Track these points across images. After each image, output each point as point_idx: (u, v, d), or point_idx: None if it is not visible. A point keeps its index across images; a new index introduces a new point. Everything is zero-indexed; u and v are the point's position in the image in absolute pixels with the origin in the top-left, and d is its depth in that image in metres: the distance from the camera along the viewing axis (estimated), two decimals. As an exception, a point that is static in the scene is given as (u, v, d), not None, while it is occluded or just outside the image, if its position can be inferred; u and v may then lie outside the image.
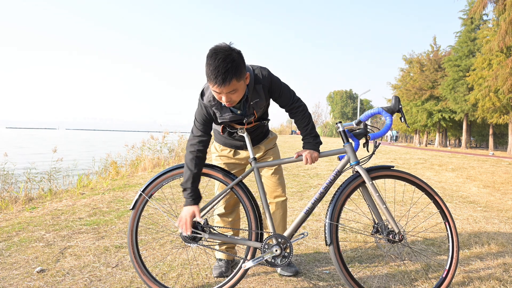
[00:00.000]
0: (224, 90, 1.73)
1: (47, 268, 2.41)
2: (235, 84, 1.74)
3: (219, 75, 1.68)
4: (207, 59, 1.72)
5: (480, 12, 15.33)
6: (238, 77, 1.73)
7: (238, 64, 1.72)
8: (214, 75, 1.69)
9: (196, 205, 1.95)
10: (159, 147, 10.58)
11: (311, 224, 3.51)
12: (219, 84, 1.70)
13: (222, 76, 1.68)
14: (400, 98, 1.92)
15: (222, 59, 1.68)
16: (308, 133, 2.08)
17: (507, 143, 30.95)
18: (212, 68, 1.68)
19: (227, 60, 1.68)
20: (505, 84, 16.55)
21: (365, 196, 1.99)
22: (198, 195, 1.97)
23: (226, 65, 1.67)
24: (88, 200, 4.54)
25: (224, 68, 1.67)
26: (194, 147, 1.97)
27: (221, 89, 1.73)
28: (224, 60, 1.68)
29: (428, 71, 31.28)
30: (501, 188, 6.04)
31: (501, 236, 3.23)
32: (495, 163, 10.41)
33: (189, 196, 1.94)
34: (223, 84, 1.70)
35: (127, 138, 24.92)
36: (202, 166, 2.00)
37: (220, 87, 1.71)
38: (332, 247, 1.90)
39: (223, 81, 1.69)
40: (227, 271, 2.32)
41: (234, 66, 1.70)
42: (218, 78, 1.68)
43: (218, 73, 1.68)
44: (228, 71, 1.68)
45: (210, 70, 1.70)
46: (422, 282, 2.25)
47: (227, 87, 1.72)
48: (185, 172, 1.97)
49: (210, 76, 1.71)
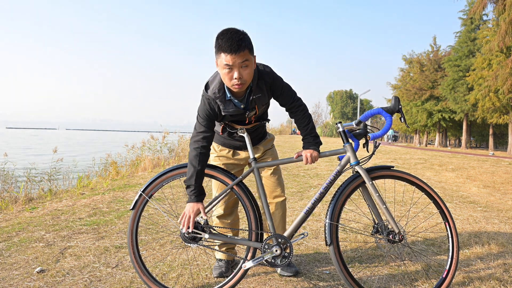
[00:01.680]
0: (238, 59, 1.77)
1: (47, 268, 2.41)
2: (248, 55, 1.80)
3: (233, 43, 1.74)
4: (219, 35, 1.79)
5: (480, 12, 15.33)
6: (250, 49, 1.81)
7: (249, 39, 1.83)
8: (229, 43, 1.74)
9: (200, 202, 1.95)
10: (159, 147, 10.58)
11: (311, 224, 3.51)
12: (234, 51, 1.75)
13: (237, 43, 1.74)
14: (400, 98, 1.92)
15: (235, 31, 1.78)
16: (308, 133, 2.09)
17: (507, 143, 30.93)
18: (226, 38, 1.76)
19: (239, 32, 1.79)
20: (505, 84, 16.56)
21: (365, 196, 1.99)
22: (202, 192, 1.97)
23: (239, 35, 1.77)
24: (88, 200, 4.54)
25: (237, 37, 1.76)
26: (197, 143, 1.96)
27: (234, 58, 1.76)
28: (237, 32, 1.78)
29: (428, 71, 31.27)
30: (501, 188, 6.04)
31: (501, 236, 3.23)
32: (495, 163, 10.42)
33: (192, 193, 1.94)
34: (237, 51, 1.75)
35: (127, 138, 24.94)
36: (206, 163, 2.00)
37: (234, 54, 1.75)
38: (332, 247, 1.90)
39: (238, 48, 1.74)
40: (227, 271, 2.32)
41: (247, 38, 1.80)
42: (233, 45, 1.74)
43: (232, 41, 1.74)
44: (242, 40, 1.76)
45: (223, 41, 1.76)
46: (422, 282, 2.25)
47: (240, 55, 1.76)
48: (189, 169, 1.96)
49: (224, 46, 1.76)
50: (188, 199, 1.96)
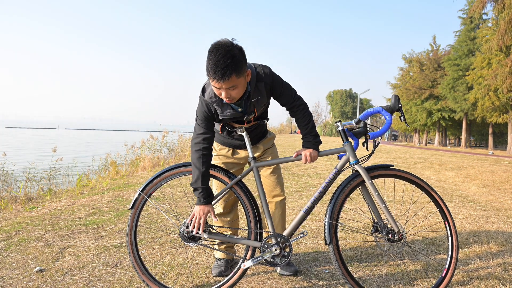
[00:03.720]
0: (224, 85, 1.73)
1: (46, 267, 2.40)
2: (235, 80, 1.74)
3: (218, 70, 1.68)
4: (208, 54, 1.72)
5: (480, 11, 15.34)
6: (237, 73, 1.73)
7: (239, 60, 1.72)
8: (214, 70, 1.69)
9: (209, 204, 1.95)
10: (158, 146, 10.58)
11: (311, 224, 3.51)
12: (218, 79, 1.71)
13: (222, 71, 1.68)
14: (399, 97, 1.92)
15: (223, 54, 1.68)
16: (308, 132, 2.08)
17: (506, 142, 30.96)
18: (212, 63, 1.69)
19: (227, 55, 1.68)
20: (504, 83, 16.56)
21: (364, 195, 1.99)
22: (210, 194, 1.97)
23: (226, 60, 1.68)
24: (87, 200, 4.54)
25: (223, 64, 1.67)
26: (199, 145, 1.96)
27: (220, 84, 1.73)
28: (224, 55, 1.68)
29: (427, 70, 31.27)
30: (500, 187, 6.04)
31: (501, 235, 3.23)
32: (495, 162, 10.42)
33: (201, 196, 1.93)
34: (222, 80, 1.70)
35: (126, 137, 24.93)
36: (210, 164, 2.00)
37: (219, 82, 1.72)
38: (331, 247, 1.90)
39: (222, 77, 1.69)
40: (227, 271, 2.32)
41: (234, 62, 1.70)
42: (217, 73, 1.69)
43: (217, 68, 1.68)
44: (228, 67, 1.68)
45: (210, 65, 1.70)
46: (421, 281, 2.25)
47: (226, 82, 1.72)
48: (194, 172, 1.95)
49: (210, 71, 1.71)
50: (197, 201, 1.95)
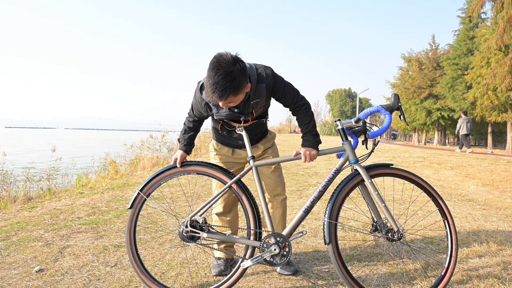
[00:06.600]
0: (221, 103, 1.80)
1: (46, 267, 2.40)
2: (232, 99, 1.79)
3: (216, 91, 1.72)
4: (209, 70, 1.73)
5: (478, 10, 15.32)
6: (236, 93, 1.76)
7: (238, 82, 1.73)
8: (212, 90, 1.73)
9: (185, 152, 2.14)
10: (158, 146, 10.57)
11: (310, 223, 3.51)
12: (215, 98, 1.76)
13: (219, 93, 1.72)
14: (399, 96, 1.92)
15: (223, 76, 1.68)
16: (308, 131, 2.08)
17: (505, 141, 30.98)
18: (211, 82, 1.71)
19: (227, 78, 1.69)
20: (503, 82, 16.56)
21: (364, 194, 1.99)
22: (190, 143, 2.19)
23: (225, 83, 1.69)
24: (87, 200, 4.53)
25: (222, 86, 1.69)
26: (191, 117, 2.18)
27: (217, 102, 1.80)
28: (224, 77, 1.68)
29: (427, 70, 31.26)
30: (499, 186, 6.04)
31: (500, 234, 3.24)
32: (494, 161, 10.42)
33: (182, 144, 2.18)
34: (219, 99, 1.76)
35: (126, 137, 24.92)
36: (197, 127, 2.21)
37: (216, 100, 1.78)
38: (331, 246, 1.90)
39: (220, 97, 1.74)
40: (226, 270, 2.32)
41: (233, 85, 1.71)
42: (215, 93, 1.73)
43: (216, 89, 1.71)
44: (226, 89, 1.70)
45: (209, 83, 1.73)
46: (421, 280, 2.26)
47: (223, 101, 1.78)
48: (182, 129, 2.21)
49: (208, 89, 1.75)
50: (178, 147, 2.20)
